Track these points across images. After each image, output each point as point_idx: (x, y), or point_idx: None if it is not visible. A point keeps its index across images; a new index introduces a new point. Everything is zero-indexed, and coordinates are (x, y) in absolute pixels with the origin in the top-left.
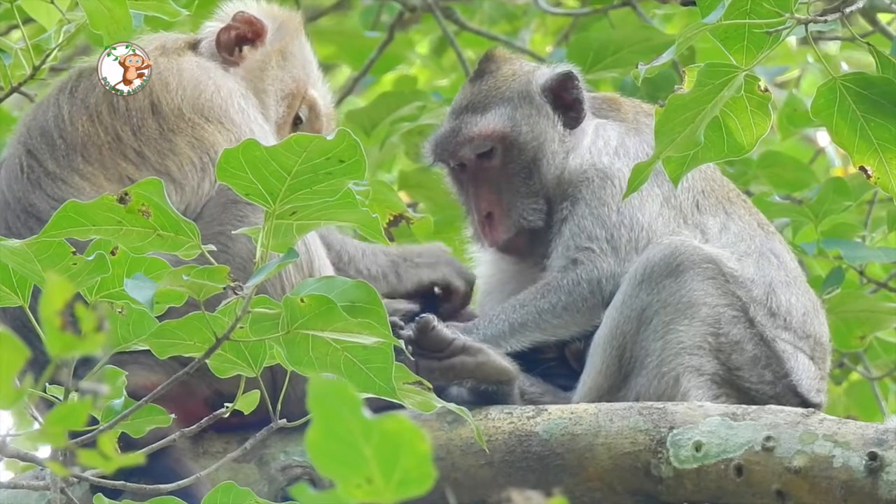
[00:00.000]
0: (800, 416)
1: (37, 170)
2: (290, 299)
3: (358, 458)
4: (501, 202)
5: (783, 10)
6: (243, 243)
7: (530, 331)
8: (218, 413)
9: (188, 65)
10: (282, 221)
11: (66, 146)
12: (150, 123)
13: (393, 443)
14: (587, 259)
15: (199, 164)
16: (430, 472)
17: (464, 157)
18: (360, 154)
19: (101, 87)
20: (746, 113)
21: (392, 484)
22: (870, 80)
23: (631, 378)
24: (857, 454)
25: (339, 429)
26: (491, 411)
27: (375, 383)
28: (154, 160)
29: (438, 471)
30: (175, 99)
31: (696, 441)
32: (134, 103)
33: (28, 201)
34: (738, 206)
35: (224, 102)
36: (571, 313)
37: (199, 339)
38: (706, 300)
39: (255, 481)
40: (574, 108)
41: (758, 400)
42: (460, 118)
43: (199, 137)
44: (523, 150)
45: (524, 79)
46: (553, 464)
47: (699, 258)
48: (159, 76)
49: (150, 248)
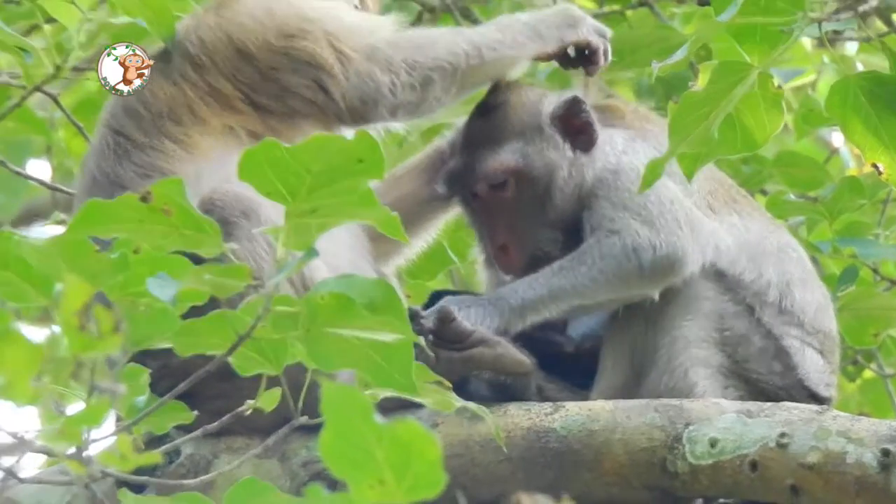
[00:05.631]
0: (814, 413)
1: (123, 143)
2: (311, 297)
3: (370, 461)
4: (516, 233)
5: (797, 9)
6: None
7: (568, 296)
8: (239, 410)
9: (247, 1)
10: (302, 220)
11: (151, 115)
12: (244, 68)
13: (404, 447)
14: (622, 227)
15: (314, 84)
16: (441, 476)
17: (478, 190)
18: (379, 153)
19: (177, 52)
20: (760, 110)
21: (404, 486)
22: (883, 79)
23: (644, 374)
24: (871, 450)
25: (351, 433)
26: (510, 408)
27: (396, 380)
28: (276, 106)
29: (457, 466)
30: (258, 35)
31: (712, 437)
32: (218, 56)
33: (115, 174)
34: (744, 204)
35: (297, 9)
36: (608, 279)
37: (220, 337)
38: (707, 295)
39: (278, 476)
40: (584, 131)
41: (766, 391)
42: (474, 154)
43: (296, 58)
44: (535, 182)
45: (533, 109)
46: (570, 460)
47: (697, 257)
48: (231, 23)
49: (172, 245)
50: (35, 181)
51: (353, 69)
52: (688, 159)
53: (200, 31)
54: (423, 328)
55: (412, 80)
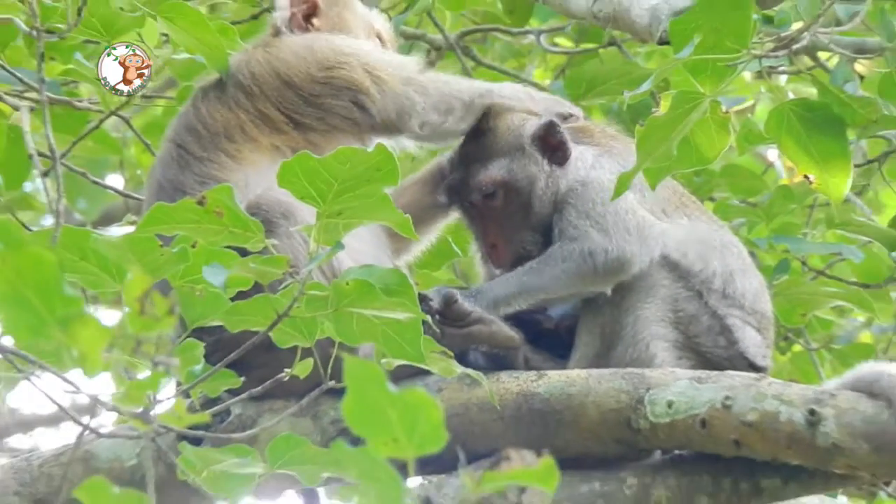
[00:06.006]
0: (752, 380)
1: (185, 156)
2: (338, 283)
3: (385, 422)
4: (503, 234)
5: (741, 48)
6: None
7: (535, 292)
8: (279, 377)
9: (290, 41)
10: (330, 220)
11: (209, 134)
12: (289, 96)
13: (413, 411)
14: (579, 235)
15: (354, 104)
16: (443, 434)
17: (472, 199)
18: (394, 163)
19: (231, 82)
20: (710, 131)
21: (413, 443)
22: (812, 105)
23: (612, 347)
24: (799, 411)
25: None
26: (502, 375)
27: (407, 352)
28: (319, 126)
29: (458, 425)
30: (301, 69)
31: (669, 400)
32: (266, 87)
33: (178, 181)
34: (693, 208)
35: (334, 46)
36: (568, 277)
37: (263, 316)
38: (663, 283)
39: (310, 432)
40: (560, 148)
41: (713, 362)
42: (468, 169)
43: (336, 86)
44: (520, 192)
45: (516, 132)
46: (553, 419)
47: (644, 258)
48: (276, 59)
49: (223, 241)
50: (111, 190)
51: (389, 89)
52: (652, 172)
53: (251, 66)
54: (430, 309)
55: (438, 104)
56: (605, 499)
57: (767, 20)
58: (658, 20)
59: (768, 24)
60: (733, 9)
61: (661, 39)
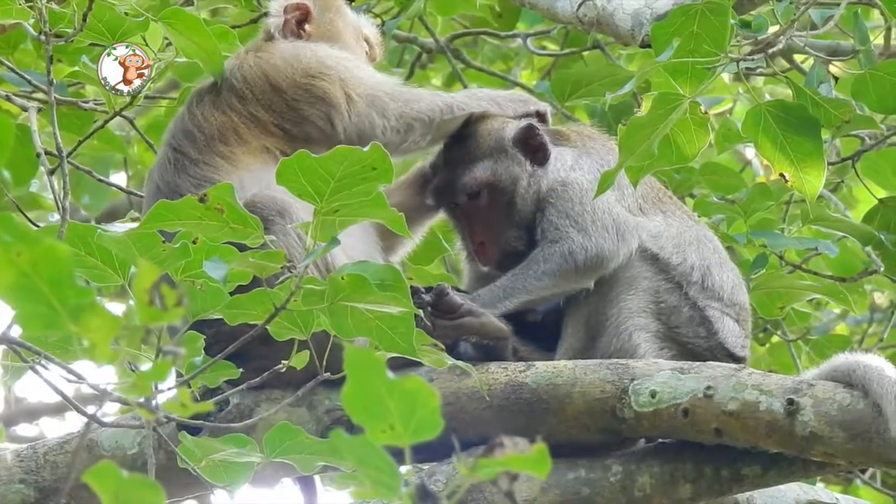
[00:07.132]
0: (733, 370)
1: (181, 160)
2: (333, 278)
3: (383, 409)
4: (489, 232)
5: (720, 51)
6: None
7: (521, 293)
8: (276, 368)
9: (281, 46)
10: (327, 217)
11: (204, 137)
12: (276, 100)
13: (410, 398)
14: (560, 237)
15: (325, 116)
16: (440, 422)
17: (458, 200)
18: (388, 163)
19: (225, 86)
20: (690, 131)
21: (409, 430)
22: (788, 106)
23: (597, 338)
24: (778, 400)
25: (368, 386)
26: (491, 366)
27: (400, 344)
28: (296, 131)
29: (449, 413)
30: (288, 74)
31: (652, 389)
32: (257, 90)
33: (175, 184)
34: (669, 204)
35: (319, 56)
36: (551, 277)
37: (261, 309)
38: (645, 275)
39: (306, 421)
40: (540, 149)
41: (694, 352)
42: (454, 172)
43: (314, 94)
44: (503, 192)
45: (498, 135)
46: (540, 408)
47: (622, 254)
48: (267, 63)
49: (223, 237)
50: (115, 187)
51: (356, 110)
52: (634, 170)
53: (243, 70)
54: (422, 302)
55: (398, 126)
56: (590, 486)
57: (745, 25)
58: (640, 24)
59: (746, 28)
60: (712, 14)
61: (643, 43)
